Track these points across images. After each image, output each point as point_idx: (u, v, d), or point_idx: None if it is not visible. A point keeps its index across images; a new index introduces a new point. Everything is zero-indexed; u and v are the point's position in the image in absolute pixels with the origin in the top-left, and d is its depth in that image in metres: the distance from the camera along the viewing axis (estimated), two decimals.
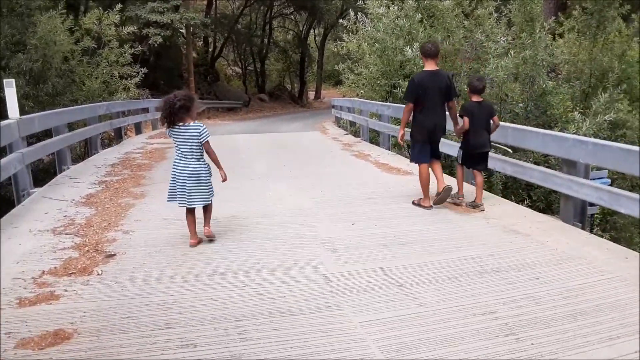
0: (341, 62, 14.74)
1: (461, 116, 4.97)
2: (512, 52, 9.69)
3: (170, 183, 4.04)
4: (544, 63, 9.75)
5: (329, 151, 9.11)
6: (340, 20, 12.52)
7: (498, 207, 5.16)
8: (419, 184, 5.18)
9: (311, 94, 41.66)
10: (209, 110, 23.44)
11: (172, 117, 3.77)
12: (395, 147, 9.58)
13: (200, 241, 3.99)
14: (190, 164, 3.94)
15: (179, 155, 3.97)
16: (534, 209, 5.82)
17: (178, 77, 24.78)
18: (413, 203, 5.18)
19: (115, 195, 5.59)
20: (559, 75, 11.96)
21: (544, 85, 9.71)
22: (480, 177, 5.07)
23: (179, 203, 4.00)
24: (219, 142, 7.12)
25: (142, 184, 6.23)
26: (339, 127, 14.80)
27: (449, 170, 7.12)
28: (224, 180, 4.16)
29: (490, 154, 5.27)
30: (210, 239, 4.03)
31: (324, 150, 9.36)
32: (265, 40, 34.26)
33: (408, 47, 10.38)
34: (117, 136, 11.06)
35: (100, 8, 11.76)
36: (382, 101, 11.56)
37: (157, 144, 10.44)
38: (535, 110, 10.05)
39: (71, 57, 10.24)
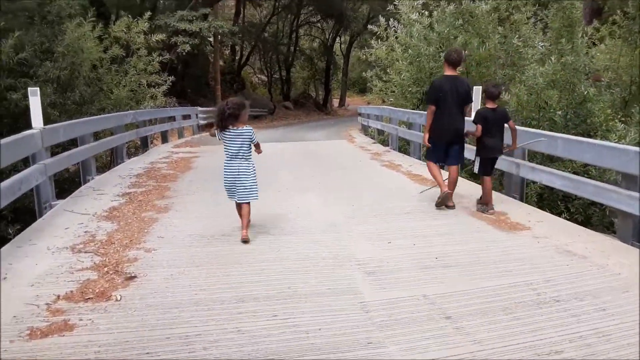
0: (368, 69, 14.45)
1: (475, 122, 5.02)
2: (552, 58, 9.20)
3: (225, 183, 4.55)
4: (586, 69, 9.23)
5: (357, 161, 8.79)
6: (369, 26, 12.20)
7: (545, 223, 4.74)
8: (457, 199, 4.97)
9: (335, 102, 41.44)
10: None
11: (224, 122, 4.26)
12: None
13: (246, 235, 4.26)
14: (240, 164, 4.43)
15: (229, 156, 4.47)
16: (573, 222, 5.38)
17: (205, 85, 24.89)
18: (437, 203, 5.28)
19: (139, 208, 5.38)
20: (598, 82, 11.39)
21: (585, 92, 9.19)
22: (489, 181, 5.12)
23: (233, 198, 4.51)
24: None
25: (166, 196, 6.02)
26: (366, 135, 14.47)
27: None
28: (259, 152, 4.64)
29: (534, 165, 4.89)
30: (245, 241, 4.21)
31: (353, 159, 9.04)
32: (292, 48, 34.24)
33: (442, 54, 9.99)
34: (144, 145, 10.97)
35: (129, 16, 11.71)
36: (413, 109, 11.21)
37: (182, 153, 10.30)
38: (575, 119, 9.53)
39: (99, 65, 10.19)
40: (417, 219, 4.92)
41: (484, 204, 5.08)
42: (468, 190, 6.05)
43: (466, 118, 5.28)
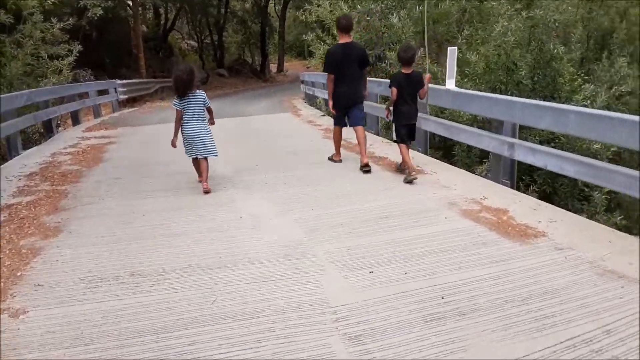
0: (308, 31, 13.01)
1: (390, 87, 5.00)
2: (522, 13, 8.23)
3: (185, 142, 4.93)
4: (555, 25, 8.33)
5: (308, 141, 7.51)
6: None
7: (562, 223, 3.72)
8: (446, 191, 4.43)
9: (273, 67, 39.41)
10: (163, 90, 21.25)
11: (184, 89, 4.68)
12: (388, 131, 8.10)
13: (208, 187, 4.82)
14: (198, 124, 4.81)
15: (188, 117, 4.80)
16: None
17: (127, 54, 22.36)
18: (328, 159, 5.91)
19: (18, 231, 3.88)
20: (554, 38, 10.65)
21: (554, 51, 8.31)
22: (404, 147, 5.02)
23: (193, 156, 4.97)
24: (167, 132, 5.49)
25: (61, 207, 4.51)
26: (312, 106, 13.14)
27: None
28: (213, 123, 5.07)
29: (538, 146, 3.88)
30: (207, 191, 4.77)
31: (302, 139, 7.74)
32: (222, 10, 31.74)
33: (394, 13, 8.77)
34: (47, 130, 9.08)
35: None
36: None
37: (94, 138, 8.58)
38: (542, 80, 8.69)
39: None
40: (401, 226, 3.76)
41: (404, 169, 5.08)
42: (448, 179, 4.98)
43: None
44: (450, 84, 5.36)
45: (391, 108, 5.08)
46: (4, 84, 8.45)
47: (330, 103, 5.58)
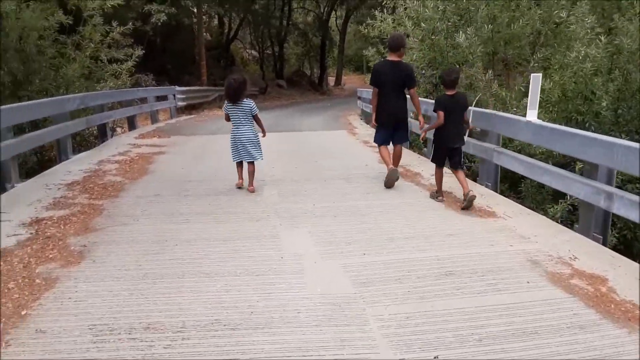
0: (369, 46, 12.50)
1: (435, 110, 4.88)
2: (602, 38, 7.31)
3: (232, 146, 5.29)
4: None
5: (362, 164, 6.92)
6: None
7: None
8: (524, 244, 3.67)
9: (331, 80, 39.26)
10: (222, 98, 21.33)
11: (234, 97, 5.13)
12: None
13: (242, 184, 5.39)
14: (245, 131, 5.20)
15: (235, 123, 5.23)
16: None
17: (190, 61, 22.71)
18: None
19: (39, 254, 3.54)
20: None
21: None
22: (461, 173, 4.87)
23: (239, 160, 5.33)
24: (217, 143, 5.83)
25: (92, 227, 4.16)
26: (368, 124, 12.55)
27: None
28: (264, 136, 5.49)
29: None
30: (252, 192, 5.24)
31: (356, 161, 7.16)
32: (284, 22, 31.91)
33: (460, 32, 8.07)
34: (101, 135, 9.04)
35: None
36: (426, 96, 9.34)
37: (146, 146, 8.39)
38: (627, 113, 7.69)
39: (40, 37, 8.13)
40: (476, 286, 3.10)
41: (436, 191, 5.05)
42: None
43: None
44: (532, 115, 4.64)
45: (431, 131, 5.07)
46: (62, 85, 8.43)
47: (373, 116, 5.63)
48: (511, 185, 6.99)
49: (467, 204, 4.62)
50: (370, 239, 3.94)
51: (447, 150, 4.90)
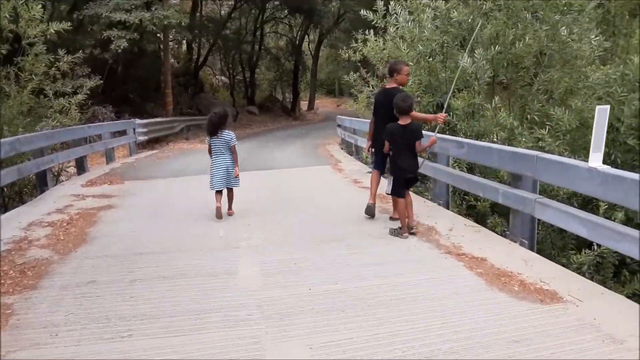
0: (340, 69, 11.44)
1: (384, 138, 4.88)
2: (634, 58, 6.33)
3: (211, 175, 5.60)
4: None
5: (359, 216, 5.66)
6: (363, 12, 9.06)
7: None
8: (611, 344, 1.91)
9: (303, 104, 38.32)
10: (189, 129, 19.94)
11: (214, 130, 5.50)
12: (465, 205, 6.27)
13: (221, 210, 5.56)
14: (224, 159, 5.55)
15: (215, 153, 5.58)
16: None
17: (154, 89, 21.28)
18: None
19: None
20: None
21: None
22: (409, 197, 4.85)
23: (217, 188, 5.58)
24: (181, 191, 4.71)
25: None
26: (351, 155, 11.40)
27: None
28: (236, 176, 5.64)
29: None
30: (231, 215, 5.68)
31: (351, 212, 5.89)
32: (256, 46, 30.92)
33: (466, 54, 7.01)
34: (41, 184, 7.55)
35: None
36: (423, 128, 8.22)
37: (92, 197, 6.95)
38: None
39: None
40: None
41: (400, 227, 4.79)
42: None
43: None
44: (596, 159, 3.49)
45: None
46: None
47: (368, 144, 5.72)
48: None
49: (396, 233, 4.72)
50: (404, 356, 2.65)
51: (404, 181, 4.81)
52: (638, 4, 8.13)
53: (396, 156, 4.81)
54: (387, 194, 5.13)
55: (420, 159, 4.91)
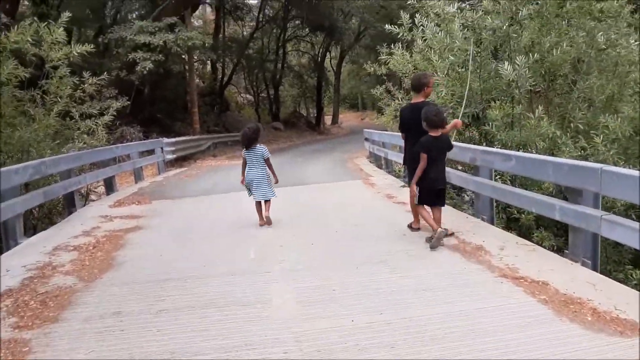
0: (362, 84, 11.16)
1: (418, 151, 4.72)
2: None
3: (247, 186, 5.95)
4: None
5: (396, 232, 5.28)
6: (387, 27, 8.84)
7: None
8: None
9: (327, 119, 38.26)
10: (216, 146, 19.92)
11: (249, 144, 5.85)
12: (520, 225, 5.84)
13: (264, 223, 5.89)
14: (257, 172, 5.87)
15: (249, 166, 5.90)
16: None
17: (181, 109, 21.41)
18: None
19: None
20: None
21: None
22: (438, 212, 4.85)
23: (258, 199, 5.92)
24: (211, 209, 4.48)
25: None
26: (380, 168, 11.04)
27: None
28: (276, 182, 6.04)
29: None
30: (269, 224, 5.86)
31: (387, 229, 5.51)
32: (279, 64, 31.04)
33: (506, 62, 6.61)
34: (69, 205, 7.44)
35: (36, 19, 8.01)
36: (459, 138, 7.83)
37: (119, 218, 6.76)
38: None
39: None
40: None
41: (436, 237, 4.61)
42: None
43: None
44: None
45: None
46: (16, 150, 6.89)
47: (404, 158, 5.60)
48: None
49: (434, 242, 4.56)
50: None
51: (432, 192, 4.77)
52: None
53: (429, 167, 4.70)
54: (416, 203, 4.94)
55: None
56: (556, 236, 6.28)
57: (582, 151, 6.67)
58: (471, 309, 3.31)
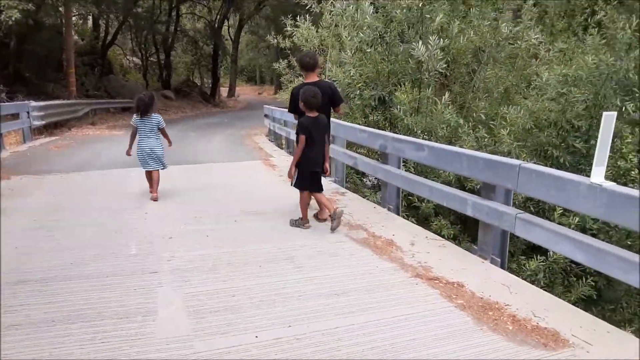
0: (281, 58, 10.62)
1: (297, 133, 4.60)
2: (588, 57, 6.07)
3: (139, 158, 5.68)
4: (629, 76, 6.20)
5: (305, 228, 4.86)
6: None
7: None
8: None
9: (223, 91, 36.72)
10: (95, 112, 17.94)
11: (146, 110, 5.57)
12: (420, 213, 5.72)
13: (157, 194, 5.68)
14: (151, 142, 5.63)
15: (142, 135, 5.62)
16: None
17: (56, 69, 18.87)
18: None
19: None
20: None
21: (622, 108, 6.17)
22: (321, 196, 4.72)
23: (146, 168, 5.71)
24: (89, 195, 4.77)
25: None
26: (282, 148, 10.58)
27: None
28: (170, 145, 5.92)
29: None
30: (155, 200, 5.60)
31: (290, 218, 5.07)
32: (172, 27, 28.85)
33: (420, 41, 6.40)
34: None
35: None
36: (364, 122, 7.61)
37: None
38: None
39: None
40: None
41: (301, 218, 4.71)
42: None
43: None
44: (599, 174, 2.96)
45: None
46: None
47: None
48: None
49: (336, 224, 4.50)
50: None
51: (311, 175, 4.62)
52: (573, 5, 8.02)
53: (309, 149, 4.54)
54: (293, 186, 4.72)
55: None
56: (452, 224, 6.34)
57: (480, 141, 6.78)
58: (389, 318, 2.98)
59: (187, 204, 5.64)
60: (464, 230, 6.48)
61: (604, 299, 5.62)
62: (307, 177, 4.63)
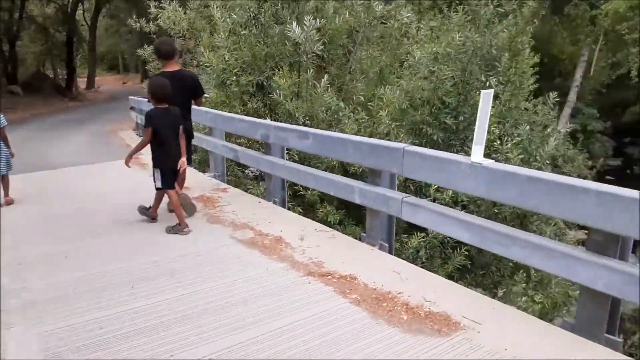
0: (145, 43, 9.83)
1: (145, 126, 4.38)
2: (455, 35, 6.31)
3: None
4: (492, 51, 6.58)
5: (182, 235, 4.41)
6: None
7: None
8: None
9: (82, 83, 33.48)
10: None
11: None
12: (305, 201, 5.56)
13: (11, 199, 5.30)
14: None
15: None
16: None
17: None
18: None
19: None
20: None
21: (487, 83, 6.58)
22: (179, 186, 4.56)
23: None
24: None
25: None
26: None
27: None
28: (12, 156, 5.41)
29: None
30: (9, 204, 5.22)
31: (170, 224, 4.58)
32: (16, 14, 25.38)
33: (295, 22, 6.16)
34: None
35: None
36: (242, 110, 7.25)
37: None
38: (465, 120, 6.96)
39: None
40: None
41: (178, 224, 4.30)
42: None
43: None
44: (478, 153, 3.00)
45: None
46: None
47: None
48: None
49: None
50: None
51: (173, 172, 4.36)
52: None
53: (167, 146, 4.29)
54: (158, 188, 4.42)
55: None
56: (337, 209, 6.32)
57: (360, 123, 6.80)
58: (285, 326, 2.74)
59: (40, 218, 4.85)
60: (348, 214, 6.50)
61: (475, 265, 6.01)
62: (171, 174, 4.36)
